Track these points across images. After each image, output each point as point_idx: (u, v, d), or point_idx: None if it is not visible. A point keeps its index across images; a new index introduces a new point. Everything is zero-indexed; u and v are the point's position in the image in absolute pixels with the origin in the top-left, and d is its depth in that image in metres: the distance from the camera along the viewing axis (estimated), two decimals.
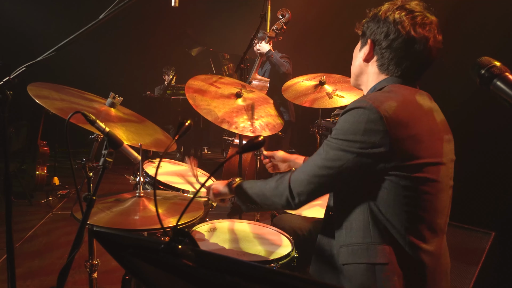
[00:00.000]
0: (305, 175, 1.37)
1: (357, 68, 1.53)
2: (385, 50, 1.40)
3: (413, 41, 1.35)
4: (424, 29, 1.35)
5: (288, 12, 3.98)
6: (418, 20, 1.35)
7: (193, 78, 2.54)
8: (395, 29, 1.36)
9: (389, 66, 1.41)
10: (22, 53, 3.33)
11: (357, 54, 1.54)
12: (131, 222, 1.63)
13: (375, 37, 1.43)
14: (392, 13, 1.38)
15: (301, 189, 1.38)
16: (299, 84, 2.94)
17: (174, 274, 0.74)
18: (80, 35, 1.57)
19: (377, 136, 1.26)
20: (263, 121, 2.47)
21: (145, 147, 1.87)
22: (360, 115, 1.28)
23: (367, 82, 1.52)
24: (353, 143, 1.28)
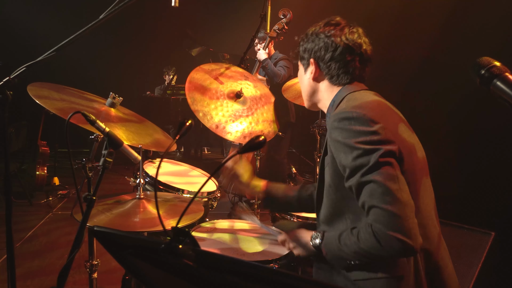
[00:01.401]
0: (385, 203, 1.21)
1: (308, 89, 1.58)
2: (330, 63, 1.47)
3: (350, 48, 1.44)
4: (354, 36, 1.46)
5: (289, 12, 3.98)
6: (346, 30, 1.46)
7: (197, 69, 2.41)
8: (331, 41, 1.45)
9: (339, 76, 1.47)
10: (22, 53, 3.33)
11: (304, 78, 1.59)
12: (131, 224, 1.63)
13: (315, 55, 1.50)
14: (323, 30, 1.48)
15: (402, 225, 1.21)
16: (299, 84, 2.93)
17: (174, 274, 0.74)
18: (80, 35, 1.56)
19: (381, 132, 1.27)
20: (257, 128, 2.43)
21: (145, 147, 1.87)
22: (355, 121, 1.29)
23: (322, 99, 1.56)
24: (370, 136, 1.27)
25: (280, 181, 4.64)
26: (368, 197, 1.23)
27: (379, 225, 1.21)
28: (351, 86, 1.49)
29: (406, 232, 1.19)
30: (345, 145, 1.28)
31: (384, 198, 1.21)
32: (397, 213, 1.19)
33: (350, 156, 1.27)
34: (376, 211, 1.22)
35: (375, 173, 1.23)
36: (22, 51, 4.17)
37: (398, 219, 1.19)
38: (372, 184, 1.23)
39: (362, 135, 1.27)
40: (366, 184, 1.24)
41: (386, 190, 1.21)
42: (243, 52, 3.15)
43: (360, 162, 1.24)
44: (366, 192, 1.24)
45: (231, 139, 2.30)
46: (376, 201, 1.21)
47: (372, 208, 1.23)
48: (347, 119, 1.30)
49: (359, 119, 1.29)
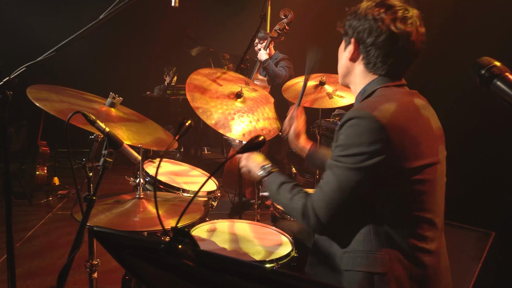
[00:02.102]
0: (323, 202, 1.34)
1: (344, 68, 1.51)
2: (370, 48, 1.38)
3: (396, 37, 1.33)
4: (405, 24, 1.34)
5: (290, 12, 3.98)
6: (399, 15, 1.34)
7: (195, 72, 2.46)
8: (376, 26, 1.34)
9: (375, 64, 1.40)
10: (22, 53, 3.32)
11: (342, 54, 1.51)
12: (131, 223, 1.63)
13: (358, 36, 1.40)
14: (372, 10, 1.36)
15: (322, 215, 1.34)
16: (299, 84, 2.93)
17: (174, 274, 0.74)
18: (81, 35, 1.57)
19: (380, 144, 1.25)
20: (259, 125, 2.43)
21: (146, 146, 1.87)
22: (360, 126, 1.27)
23: (355, 82, 1.50)
24: (359, 156, 1.27)
25: None
26: (325, 180, 1.36)
27: (311, 201, 1.37)
28: (385, 78, 1.41)
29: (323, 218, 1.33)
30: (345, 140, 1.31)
31: (329, 188, 1.33)
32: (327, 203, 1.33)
33: (341, 149, 1.31)
34: (317, 192, 1.36)
35: (342, 171, 1.30)
36: (22, 51, 4.17)
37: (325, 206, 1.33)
38: (333, 177, 1.33)
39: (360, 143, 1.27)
40: (330, 171, 1.34)
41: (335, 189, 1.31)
42: (243, 52, 3.15)
43: (343, 159, 1.30)
44: (326, 176, 1.35)
45: (232, 136, 2.31)
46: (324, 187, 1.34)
47: (320, 188, 1.36)
48: (358, 121, 1.28)
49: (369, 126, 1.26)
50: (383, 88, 1.40)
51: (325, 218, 1.33)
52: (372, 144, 1.25)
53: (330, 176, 1.34)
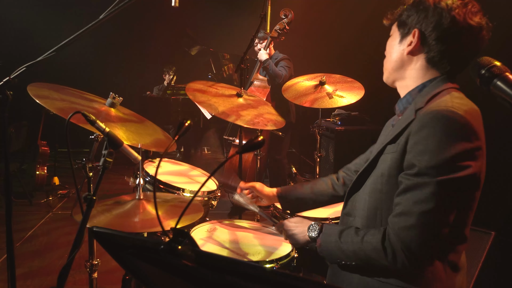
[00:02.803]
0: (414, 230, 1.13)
1: (397, 61, 1.34)
2: (436, 42, 1.24)
3: (469, 30, 1.21)
4: (478, 17, 1.22)
5: (290, 12, 3.98)
6: (470, 6, 1.22)
7: (192, 82, 2.56)
8: (450, 16, 1.20)
9: (440, 60, 1.26)
10: (22, 53, 3.33)
11: (396, 46, 1.35)
12: (131, 224, 1.63)
13: (422, 27, 1.26)
14: (444, 1, 1.23)
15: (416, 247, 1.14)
16: (299, 84, 2.93)
17: (174, 275, 0.74)
18: (81, 35, 1.57)
19: (477, 149, 1.14)
20: (264, 117, 2.48)
21: (145, 147, 1.87)
22: (454, 128, 1.12)
23: (408, 77, 1.34)
24: (458, 163, 1.11)
25: (280, 181, 4.66)
26: (410, 203, 1.13)
27: (397, 234, 1.15)
28: (448, 78, 1.28)
29: (420, 255, 1.14)
30: (432, 148, 1.12)
31: (423, 215, 1.12)
32: (424, 235, 1.12)
33: (429, 159, 1.12)
34: (406, 220, 1.14)
35: (438, 189, 1.11)
36: (22, 51, 4.17)
37: (421, 240, 1.12)
38: (426, 196, 1.11)
39: (455, 147, 1.11)
40: (420, 191, 1.12)
41: (433, 211, 1.11)
42: (243, 52, 3.15)
43: (434, 171, 1.11)
44: (413, 197, 1.13)
45: (242, 123, 2.34)
46: (414, 212, 1.12)
47: (404, 215, 1.14)
48: (449, 121, 1.12)
49: (462, 127, 1.12)
50: (451, 89, 1.25)
51: (420, 250, 1.13)
52: (470, 149, 1.12)
53: (417, 194, 1.12)
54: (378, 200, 1.28)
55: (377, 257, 1.19)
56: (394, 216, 1.18)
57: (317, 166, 3.30)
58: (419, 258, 1.14)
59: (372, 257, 1.21)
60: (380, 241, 1.18)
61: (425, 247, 1.13)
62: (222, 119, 2.38)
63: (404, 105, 1.35)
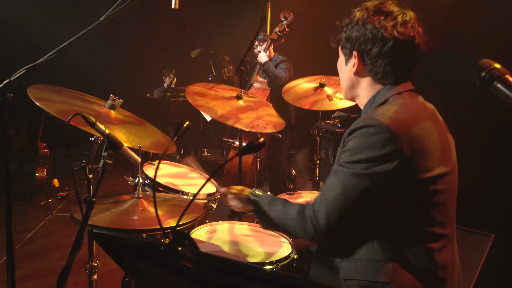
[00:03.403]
0: (324, 207, 1.29)
1: (348, 82, 1.46)
2: (376, 59, 1.33)
3: (401, 43, 1.30)
4: (407, 28, 1.30)
5: (290, 14, 3.98)
6: (399, 20, 1.30)
7: (192, 85, 2.57)
8: (380, 34, 1.30)
9: (384, 74, 1.35)
10: (22, 55, 3.33)
11: (344, 68, 1.46)
12: (130, 222, 1.63)
13: (360, 47, 1.35)
14: (371, 19, 1.31)
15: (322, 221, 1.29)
16: (299, 86, 2.94)
17: (174, 276, 0.74)
18: (81, 37, 1.57)
19: (391, 153, 1.22)
20: (264, 119, 2.47)
21: (145, 149, 1.87)
22: (372, 135, 1.23)
23: (361, 95, 1.45)
24: (368, 163, 1.23)
25: (280, 183, 4.65)
26: (327, 184, 1.31)
27: (312, 206, 1.32)
28: (395, 85, 1.36)
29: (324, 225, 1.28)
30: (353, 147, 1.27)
31: (332, 196, 1.28)
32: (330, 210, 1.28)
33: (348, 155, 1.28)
34: (321, 197, 1.32)
35: (348, 179, 1.27)
36: (22, 53, 4.18)
37: (325, 216, 1.28)
38: (337, 181, 1.28)
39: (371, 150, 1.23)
40: (335, 176, 1.29)
41: (338, 194, 1.27)
42: (243, 54, 3.16)
43: (350, 165, 1.27)
44: (330, 181, 1.31)
45: (241, 127, 2.34)
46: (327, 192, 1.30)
47: (322, 193, 1.32)
48: (370, 127, 1.24)
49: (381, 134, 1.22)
50: (396, 95, 1.34)
51: (325, 224, 1.28)
52: (382, 152, 1.22)
53: (335, 181, 1.29)
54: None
55: (293, 226, 1.37)
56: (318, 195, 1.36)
57: (317, 168, 3.30)
58: (322, 230, 1.29)
59: (290, 224, 1.39)
60: (297, 212, 1.36)
61: (328, 221, 1.28)
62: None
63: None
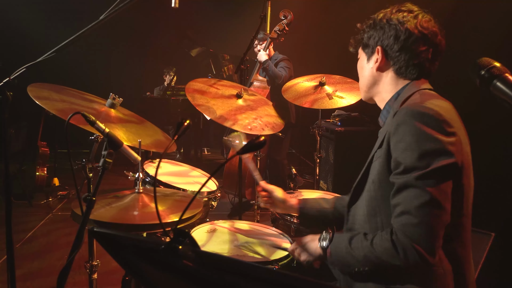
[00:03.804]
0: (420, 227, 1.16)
1: (369, 79, 1.46)
2: (399, 53, 1.36)
3: (425, 37, 1.33)
4: (430, 23, 1.34)
5: (290, 13, 3.98)
6: (420, 17, 1.35)
7: (193, 80, 2.55)
8: (404, 28, 1.33)
9: (407, 68, 1.37)
10: (22, 54, 3.33)
11: (365, 67, 1.47)
12: (131, 217, 1.63)
13: (383, 43, 1.38)
14: (394, 15, 1.36)
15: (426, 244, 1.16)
16: (299, 85, 2.94)
17: (174, 275, 0.74)
18: (81, 36, 1.57)
19: (452, 136, 1.20)
20: (263, 120, 2.47)
21: (145, 148, 1.87)
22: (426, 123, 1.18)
23: (383, 91, 1.44)
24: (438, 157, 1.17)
25: (280, 182, 4.65)
26: (408, 201, 1.17)
27: (404, 232, 1.16)
28: (420, 82, 1.38)
29: (430, 249, 1.15)
30: (411, 142, 1.19)
31: (423, 209, 1.15)
32: (429, 229, 1.15)
33: (411, 154, 1.18)
34: (409, 218, 1.16)
35: (428, 181, 1.16)
36: (22, 52, 4.17)
37: (428, 234, 1.15)
38: (419, 191, 1.16)
39: (432, 137, 1.18)
40: (413, 187, 1.17)
41: (430, 202, 1.15)
42: (243, 53, 3.15)
43: (419, 164, 1.17)
44: (408, 195, 1.17)
45: (238, 128, 2.32)
46: (414, 209, 1.15)
47: (406, 214, 1.17)
48: (422, 115, 1.20)
49: (435, 119, 1.19)
50: (423, 90, 1.35)
51: (430, 243, 1.15)
52: (446, 137, 1.18)
53: (411, 191, 1.17)
54: (375, 207, 1.32)
55: (388, 258, 1.19)
56: (397, 217, 1.19)
57: (317, 167, 3.30)
58: (430, 252, 1.15)
59: (383, 259, 1.20)
60: (389, 241, 1.19)
61: (433, 240, 1.16)
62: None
63: (385, 115, 1.44)
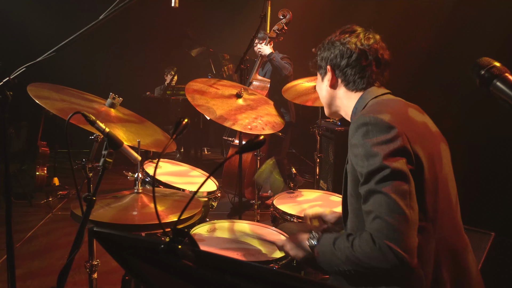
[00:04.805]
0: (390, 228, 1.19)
1: (327, 97, 1.59)
2: (346, 69, 1.49)
3: (365, 52, 1.46)
4: (369, 41, 1.47)
5: (289, 12, 3.99)
6: (361, 36, 1.48)
7: (192, 81, 2.56)
8: (346, 48, 1.48)
9: (355, 81, 1.49)
10: (22, 53, 3.33)
11: (321, 86, 1.61)
12: (130, 217, 1.63)
13: (332, 62, 1.52)
14: (338, 37, 1.51)
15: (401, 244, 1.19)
16: (300, 86, 2.94)
17: (174, 275, 0.74)
18: (81, 35, 1.57)
19: (397, 137, 1.25)
20: (263, 120, 2.47)
21: (145, 147, 1.87)
22: (372, 130, 1.27)
23: (342, 106, 1.56)
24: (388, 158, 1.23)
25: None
26: (376, 207, 1.22)
27: (379, 234, 1.20)
28: (372, 90, 1.48)
29: (405, 248, 1.18)
30: (363, 152, 1.27)
31: (390, 212, 1.20)
32: (400, 228, 1.18)
33: (365, 163, 1.26)
34: (380, 223, 1.20)
35: (387, 184, 1.21)
36: (22, 52, 4.18)
37: (400, 234, 1.18)
38: (382, 196, 1.21)
39: (379, 142, 1.25)
40: (376, 193, 1.23)
41: (394, 204, 1.20)
42: (243, 53, 3.15)
43: (374, 170, 1.23)
44: (375, 201, 1.23)
45: (238, 128, 2.32)
46: (382, 213, 1.20)
47: (377, 219, 1.21)
48: (364, 124, 1.29)
49: (377, 124, 1.27)
50: (374, 98, 1.46)
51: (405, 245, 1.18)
52: (391, 139, 1.25)
53: (378, 198, 1.22)
54: (361, 217, 1.32)
55: (368, 260, 1.22)
56: (370, 223, 1.23)
57: (317, 167, 3.30)
58: (406, 251, 1.18)
59: (364, 261, 1.23)
60: (367, 244, 1.22)
61: (407, 239, 1.19)
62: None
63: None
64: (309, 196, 2.53)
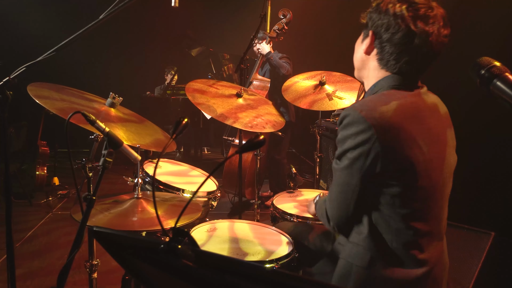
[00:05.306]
0: (329, 204, 1.43)
1: (359, 61, 1.47)
2: (386, 44, 1.34)
3: (413, 36, 1.28)
4: (426, 23, 1.28)
5: (289, 12, 3.98)
6: (421, 13, 1.28)
7: (192, 81, 2.56)
8: (395, 22, 1.29)
9: (388, 61, 1.35)
10: (22, 53, 3.33)
11: (359, 46, 1.47)
12: (129, 223, 1.63)
13: (376, 29, 1.36)
14: (393, 5, 1.31)
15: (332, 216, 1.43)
16: (299, 84, 2.93)
17: (174, 274, 0.74)
18: (81, 35, 1.57)
19: (364, 142, 1.25)
20: (263, 118, 2.47)
21: (145, 147, 1.87)
22: (349, 127, 1.30)
23: (368, 77, 1.46)
24: (347, 153, 1.32)
25: (280, 181, 4.65)
26: (332, 181, 1.42)
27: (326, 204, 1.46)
28: (398, 78, 1.36)
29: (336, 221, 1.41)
30: (338, 139, 1.35)
31: (336, 189, 1.38)
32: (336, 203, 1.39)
33: (338, 148, 1.36)
34: (329, 194, 1.44)
35: (342, 170, 1.34)
36: (22, 51, 4.17)
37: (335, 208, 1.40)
38: (336, 175, 1.38)
39: (350, 139, 1.29)
40: (335, 172, 1.40)
41: (340, 187, 1.36)
42: (243, 52, 3.15)
43: (339, 156, 1.35)
44: (333, 177, 1.41)
45: (240, 126, 2.32)
46: (332, 188, 1.41)
47: (329, 190, 1.45)
48: (347, 117, 1.31)
49: (356, 123, 1.28)
50: (388, 91, 1.37)
51: (335, 219, 1.42)
52: (357, 142, 1.27)
53: (334, 176, 1.41)
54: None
55: (323, 220, 1.49)
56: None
57: (317, 167, 3.30)
58: (336, 223, 1.42)
59: (323, 221, 1.50)
60: (322, 207, 1.48)
61: (337, 215, 1.40)
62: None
63: None
64: (309, 196, 2.53)
